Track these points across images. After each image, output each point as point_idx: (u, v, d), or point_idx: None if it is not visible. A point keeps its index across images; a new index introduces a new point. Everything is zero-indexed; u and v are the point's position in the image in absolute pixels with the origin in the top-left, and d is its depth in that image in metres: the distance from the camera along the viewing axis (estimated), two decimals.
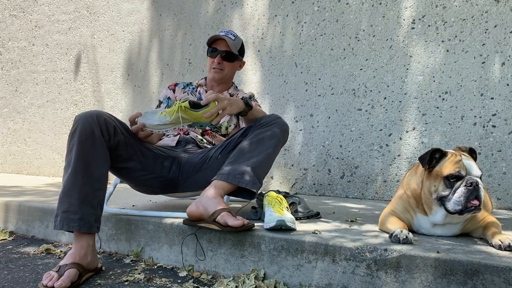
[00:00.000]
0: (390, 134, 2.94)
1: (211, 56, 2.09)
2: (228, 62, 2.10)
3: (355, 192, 3.04)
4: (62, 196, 1.52)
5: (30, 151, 4.93)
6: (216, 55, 2.07)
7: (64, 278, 1.38)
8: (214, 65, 2.09)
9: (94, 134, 1.54)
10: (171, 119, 1.66)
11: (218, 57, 2.07)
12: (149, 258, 1.75)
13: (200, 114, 1.66)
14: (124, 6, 4.32)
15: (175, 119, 1.66)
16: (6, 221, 2.35)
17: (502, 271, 1.12)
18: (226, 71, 2.11)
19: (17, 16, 5.11)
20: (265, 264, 1.46)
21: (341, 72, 3.14)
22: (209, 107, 1.67)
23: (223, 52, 2.07)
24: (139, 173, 1.79)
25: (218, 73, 2.10)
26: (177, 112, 1.65)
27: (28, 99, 4.97)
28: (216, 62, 2.08)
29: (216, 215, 1.49)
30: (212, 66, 2.09)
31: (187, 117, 1.66)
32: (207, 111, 1.66)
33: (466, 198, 1.32)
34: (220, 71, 2.10)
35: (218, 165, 1.78)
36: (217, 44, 2.08)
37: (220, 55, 2.07)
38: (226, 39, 2.04)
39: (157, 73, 4.08)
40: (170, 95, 2.16)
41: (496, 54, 2.62)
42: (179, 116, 1.65)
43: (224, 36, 2.05)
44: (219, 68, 2.09)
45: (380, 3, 3.00)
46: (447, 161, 1.39)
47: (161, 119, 1.68)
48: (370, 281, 1.28)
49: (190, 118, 1.67)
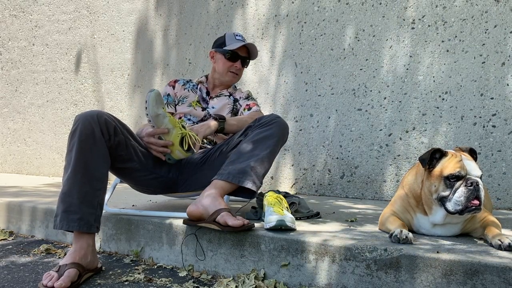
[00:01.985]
0: (390, 134, 2.94)
1: (229, 59, 2.10)
2: (244, 68, 2.17)
3: (355, 192, 3.04)
4: (62, 195, 1.52)
5: (30, 151, 4.93)
6: (237, 60, 2.10)
7: (64, 278, 1.38)
8: (233, 69, 2.12)
9: (94, 134, 1.54)
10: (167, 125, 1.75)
11: (239, 62, 2.11)
12: (149, 258, 1.75)
13: (177, 147, 1.76)
14: (124, 6, 4.32)
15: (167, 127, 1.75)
16: (6, 221, 2.35)
17: (502, 271, 1.12)
18: (240, 75, 2.18)
19: (17, 16, 5.11)
20: (265, 264, 1.46)
21: (341, 72, 3.14)
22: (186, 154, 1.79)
23: (245, 57, 2.12)
24: (139, 173, 1.79)
25: (235, 78, 2.16)
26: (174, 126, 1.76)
27: (28, 99, 4.97)
28: (237, 67, 2.11)
29: (216, 215, 1.49)
30: (230, 69, 2.12)
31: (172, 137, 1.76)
32: (181, 152, 1.78)
33: (466, 198, 1.32)
34: (237, 75, 2.16)
35: (218, 165, 1.78)
36: (239, 49, 2.10)
37: (241, 61, 2.12)
38: (249, 47, 2.11)
39: (157, 73, 4.08)
40: (170, 91, 2.16)
41: (496, 54, 2.62)
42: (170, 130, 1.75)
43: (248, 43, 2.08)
44: (237, 72, 2.14)
45: (380, 3, 3.00)
46: (447, 161, 1.39)
47: (163, 114, 1.75)
48: (370, 281, 1.28)
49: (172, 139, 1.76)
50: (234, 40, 2.09)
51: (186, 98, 2.12)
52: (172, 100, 2.15)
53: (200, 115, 2.09)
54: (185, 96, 2.13)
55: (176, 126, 1.76)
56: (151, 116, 1.73)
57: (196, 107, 2.10)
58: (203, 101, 2.13)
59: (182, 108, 2.10)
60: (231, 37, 2.11)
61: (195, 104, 2.10)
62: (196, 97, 2.13)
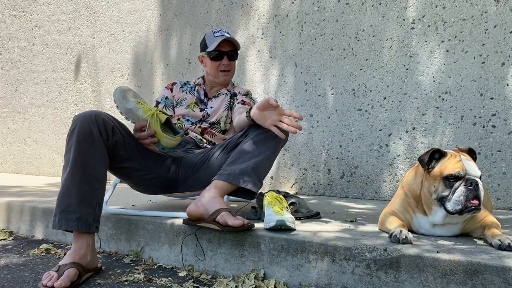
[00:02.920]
0: (390, 134, 2.94)
1: (214, 59, 2.04)
2: (234, 61, 2.10)
3: (355, 192, 3.04)
4: (61, 195, 1.52)
5: (30, 151, 4.93)
6: (222, 57, 2.04)
7: (63, 278, 1.38)
8: (222, 68, 2.05)
9: (92, 133, 1.54)
10: (142, 116, 1.72)
11: (226, 58, 2.04)
12: (149, 258, 1.75)
13: (161, 134, 1.72)
14: (124, 6, 4.32)
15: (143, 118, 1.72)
16: (6, 221, 2.35)
17: (502, 271, 1.12)
18: (233, 70, 2.12)
19: (17, 16, 5.11)
20: (265, 264, 1.46)
21: (341, 72, 3.14)
22: (174, 138, 1.74)
23: (229, 52, 2.05)
24: (139, 173, 1.79)
25: (228, 75, 2.09)
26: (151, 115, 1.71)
27: (28, 99, 4.97)
28: (225, 65, 2.05)
29: (216, 215, 1.49)
30: (219, 69, 2.05)
31: (152, 126, 1.72)
32: (169, 138, 1.73)
33: (465, 198, 1.32)
34: (229, 72, 2.09)
35: (218, 165, 1.78)
36: (220, 46, 2.03)
37: (227, 57, 2.05)
38: (228, 39, 2.02)
39: (157, 73, 4.08)
40: (168, 95, 2.16)
41: (496, 54, 2.62)
42: (148, 119, 1.71)
43: (228, 37, 2.02)
44: (228, 69, 2.07)
45: (380, 3, 3.00)
46: (447, 161, 1.39)
47: (135, 107, 1.72)
48: (370, 281, 1.28)
49: (155, 129, 1.72)
50: (213, 38, 2.04)
51: (184, 100, 2.12)
52: (170, 102, 2.14)
53: (198, 115, 2.09)
54: (183, 98, 2.13)
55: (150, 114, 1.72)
56: (125, 112, 1.73)
57: (194, 108, 2.10)
58: (201, 103, 2.12)
59: (180, 110, 2.10)
60: (210, 36, 2.06)
61: (192, 106, 2.10)
62: (194, 99, 2.12)
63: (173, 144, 1.76)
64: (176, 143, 1.77)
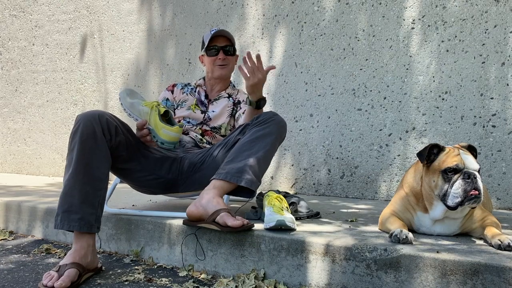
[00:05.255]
0: (390, 134, 2.94)
1: (211, 54, 2.08)
2: (231, 56, 2.11)
3: (355, 192, 3.04)
4: (63, 195, 1.52)
5: (30, 151, 4.93)
6: (217, 51, 2.06)
7: (64, 278, 1.38)
8: (218, 62, 2.07)
9: (95, 133, 1.54)
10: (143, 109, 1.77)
11: (221, 53, 2.07)
12: (149, 258, 1.75)
13: (160, 124, 1.74)
14: (124, 6, 4.32)
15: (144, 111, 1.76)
16: (6, 221, 2.35)
17: (502, 271, 1.12)
18: (231, 66, 2.13)
19: (17, 16, 5.11)
20: (265, 264, 1.46)
21: (341, 72, 3.14)
22: (173, 128, 1.75)
23: (224, 46, 2.07)
24: (140, 173, 1.79)
25: (224, 69, 2.10)
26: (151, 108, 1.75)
27: (28, 99, 4.97)
28: (221, 59, 2.07)
29: (216, 215, 1.49)
30: (216, 63, 2.08)
31: (151, 118, 1.75)
32: (167, 129, 1.74)
33: (464, 190, 1.32)
34: (226, 66, 2.10)
35: (217, 164, 1.78)
36: (215, 42, 2.07)
37: (223, 51, 2.07)
38: (224, 34, 2.06)
39: (157, 73, 4.08)
40: (168, 96, 2.16)
41: (496, 54, 2.62)
42: (148, 112, 1.75)
43: (222, 32, 2.05)
44: (224, 63, 2.09)
45: (380, 3, 3.00)
46: (445, 155, 1.39)
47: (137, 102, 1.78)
48: (370, 281, 1.28)
49: (153, 121, 1.75)
50: (209, 35, 2.08)
51: (185, 102, 2.13)
52: (171, 104, 2.15)
53: (199, 117, 2.09)
54: (184, 100, 2.13)
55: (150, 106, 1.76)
56: (127, 108, 1.76)
57: (195, 110, 2.10)
58: (201, 104, 2.13)
59: (181, 112, 2.11)
60: (207, 35, 2.09)
61: (194, 107, 2.10)
62: (195, 100, 2.13)
63: (172, 137, 1.76)
64: (175, 135, 1.77)
